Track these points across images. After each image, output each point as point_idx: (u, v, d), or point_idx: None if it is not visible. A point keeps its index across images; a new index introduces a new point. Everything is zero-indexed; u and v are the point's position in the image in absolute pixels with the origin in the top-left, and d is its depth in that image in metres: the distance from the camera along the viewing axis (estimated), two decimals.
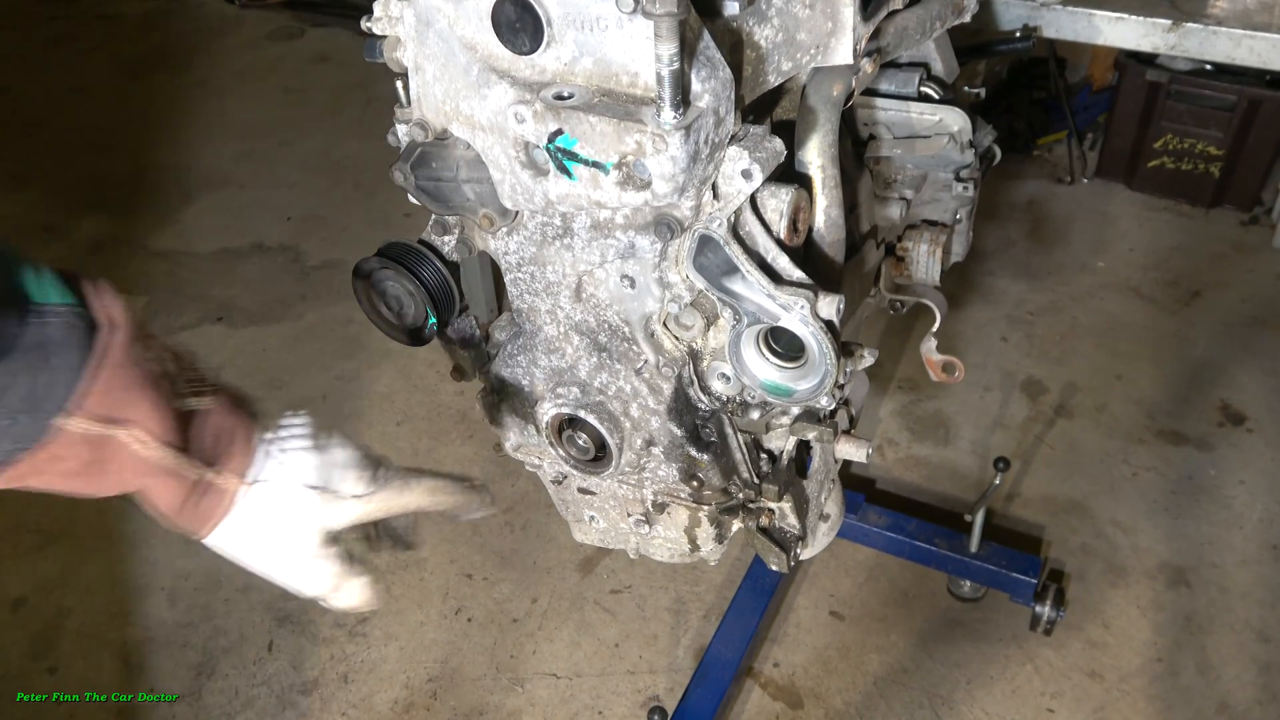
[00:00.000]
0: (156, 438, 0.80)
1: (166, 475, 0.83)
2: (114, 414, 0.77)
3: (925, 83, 1.48)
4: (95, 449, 0.77)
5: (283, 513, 0.91)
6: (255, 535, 0.91)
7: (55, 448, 0.75)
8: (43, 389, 0.72)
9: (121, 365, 0.77)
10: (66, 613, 2.38)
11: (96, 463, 0.78)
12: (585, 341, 1.24)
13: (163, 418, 0.80)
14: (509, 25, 1.01)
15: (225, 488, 0.87)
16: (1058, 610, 2.15)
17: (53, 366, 0.73)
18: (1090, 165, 3.74)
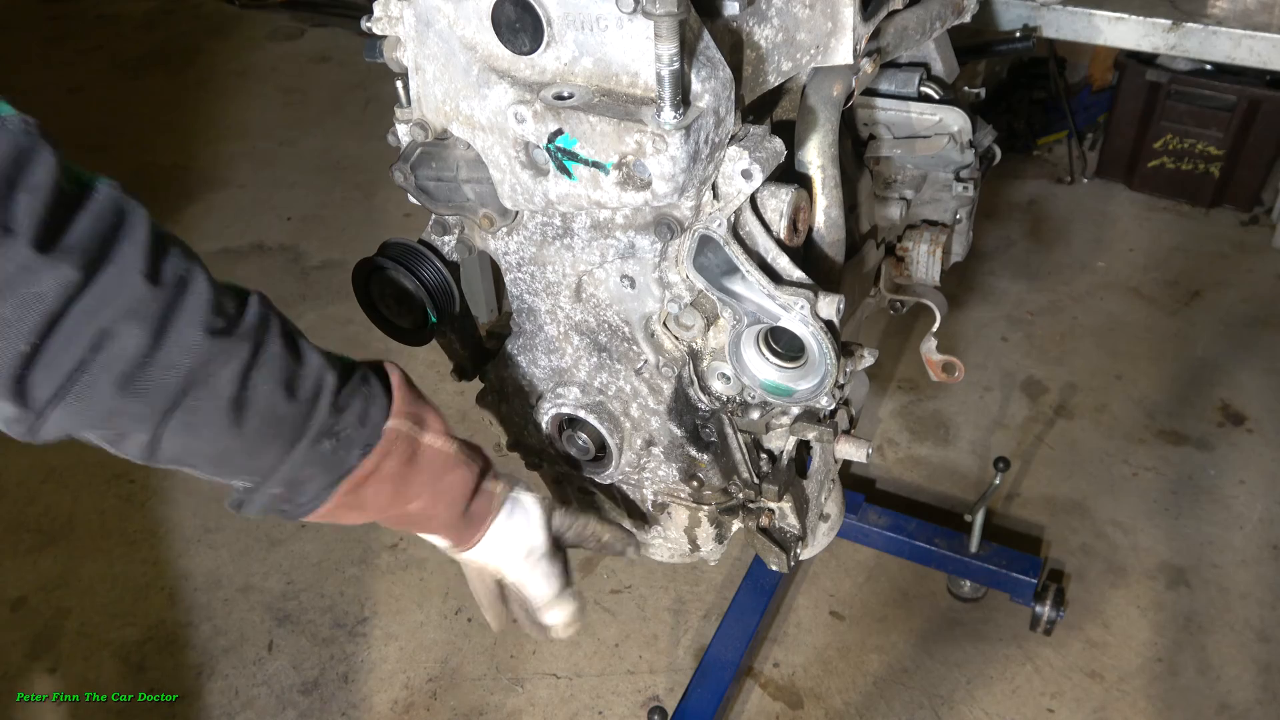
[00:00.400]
0: (448, 435, 1.00)
1: (459, 471, 1.01)
2: (417, 414, 0.98)
3: (925, 83, 1.48)
4: (410, 444, 0.96)
5: (526, 514, 1.09)
6: (508, 535, 1.09)
7: (385, 444, 0.94)
8: (371, 408, 0.94)
9: (409, 389, 0.99)
10: (66, 613, 2.38)
11: (411, 459, 0.96)
12: (585, 341, 1.24)
13: (443, 424, 1.00)
14: (509, 25, 1.01)
15: (493, 490, 1.06)
16: (1058, 610, 2.15)
17: (373, 393, 0.94)
18: (1090, 165, 3.74)
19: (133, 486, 2.69)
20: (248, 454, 0.87)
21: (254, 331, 0.85)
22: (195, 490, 2.67)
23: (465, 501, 1.03)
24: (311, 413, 0.89)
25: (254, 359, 0.84)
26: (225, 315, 0.83)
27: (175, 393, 0.80)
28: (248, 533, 2.54)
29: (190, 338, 0.80)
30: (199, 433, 0.83)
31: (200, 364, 0.80)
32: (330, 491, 0.93)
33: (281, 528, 2.55)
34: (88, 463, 2.75)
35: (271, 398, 0.86)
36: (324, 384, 0.90)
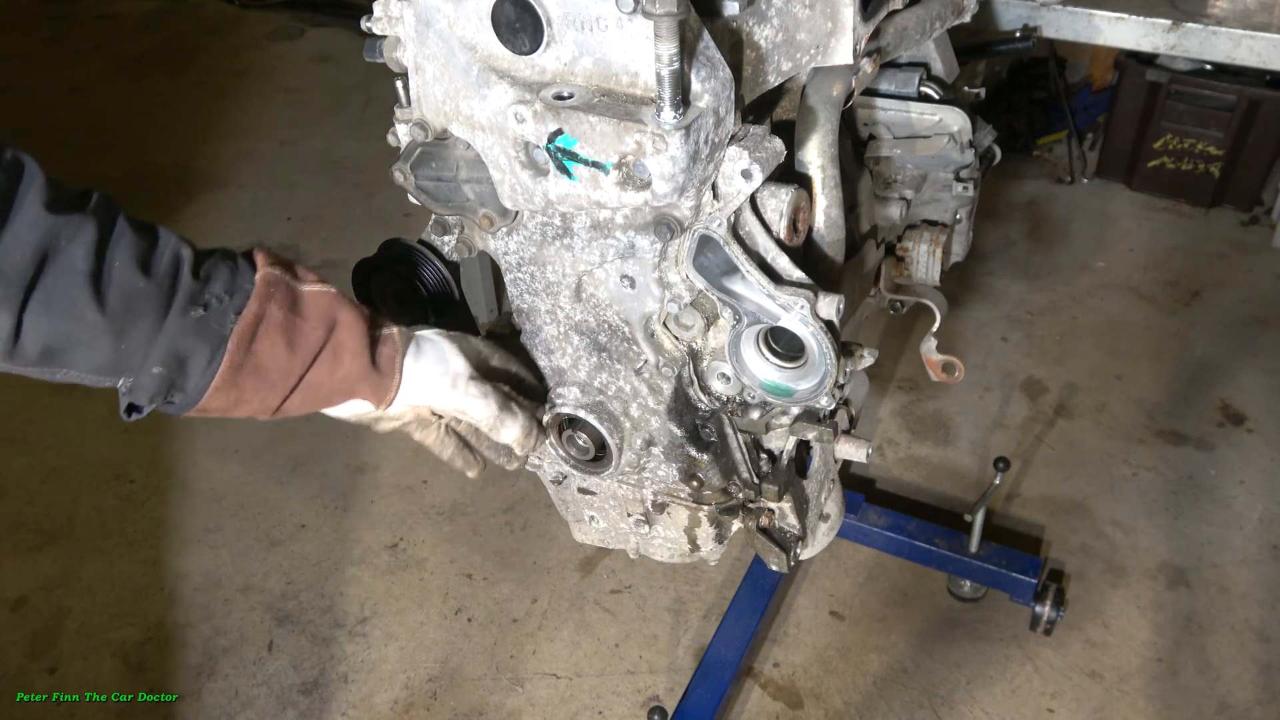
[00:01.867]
0: (324, 281, 0.99)
1: (348, 309, 1.00)
2: (287, 266, 0.98)
3: (925, 83, 1.48)
4: (288, 293, 0.96)
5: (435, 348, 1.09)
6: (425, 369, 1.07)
7: (261, 294, 0.94)
8: (239, 267, 0.95)
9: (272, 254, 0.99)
10: (66, 613, 2.38)
11: (293, 306, 0.96)
12: (585, 341, 1.24)
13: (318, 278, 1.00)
14: (509, 25, 1.01)
15: (392, 333, 1.05)
16: (1058, 610, 2.15)
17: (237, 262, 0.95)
18: (1090, 165, 3.74)
19: (133, 486, 2.69)
20: (116, 334, 0.88)
21: (100, 212, 0.87)
22: (195, 490, 2.67)
23: (367, 347, 1.02)
24: (174, 284, 0.90)
25: (104, 237, 0.86)
26: (67, 196, 0.85)
27: (27, 268, 0.82)
28: (248, 533, 2.54)
29: (32, 214, 0.82)
30: (61, 312, 0.84)
31: (49, 239, 0.82)
32: (217, 360, 0.92)
33: (281, 527, 2.55)
34: (88, 463, 2.75)
35: (128, 272, 0.87)
36: (181, 256, 0.91)
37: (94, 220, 0.86)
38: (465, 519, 2.56)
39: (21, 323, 0.83)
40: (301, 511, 2.60)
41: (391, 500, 2.62)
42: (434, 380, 1.09)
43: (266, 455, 2.76)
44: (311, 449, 2.77)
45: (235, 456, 2.76)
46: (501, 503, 2.59)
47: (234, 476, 2.70)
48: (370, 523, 2.56)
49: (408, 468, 2.70)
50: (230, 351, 0.92)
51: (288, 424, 2.84)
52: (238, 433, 2.83)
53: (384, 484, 2.67)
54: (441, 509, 2.59)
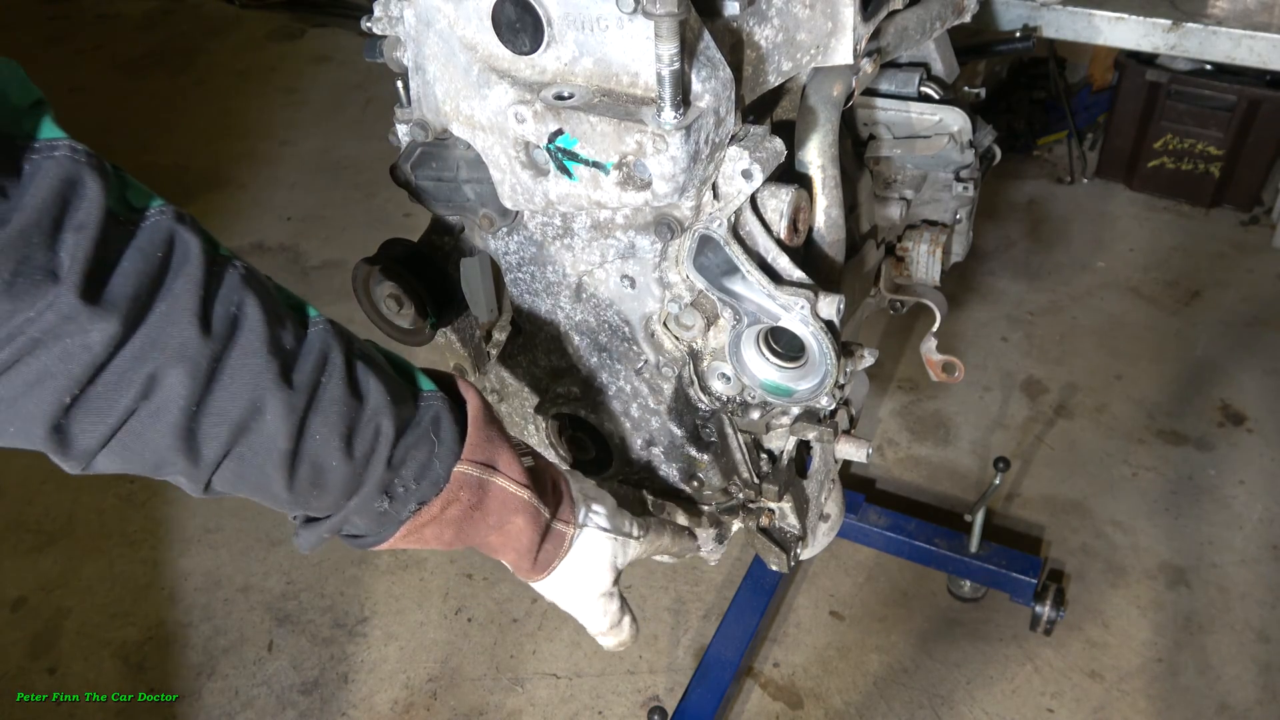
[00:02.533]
0: (519, 480, 0.94)
1: (528, 515, 0.96)
2: (489, 460, 0.92)
3: (925, 83, 1.48)
4: (477, 492, 0.92)
5: (595, 556, 1.06)
6: (574, 577, 1.06)
7: (449, 493, 0.90)
8: (438, 453, 0.89)
9: (485, 425, 0.93)
10: (66, 613, 2.38)
11: (478, 505, 0.92)
12: (585, 341, 1.24)
13: (520, 466, 0.95)
14: (509, 25, 1.01)
15: (565, 532, 1.01)
16: (1058, 610, 2.15)
17: (442, 439, 0.89)
18: (1090, 165, 3.74)
19: (133, 486, 2.69)
20: (295, 504, 0.86)
21: (313, 372, 0.80)
22: None
23: (534, 548, 0.99)
24: (366, 471, 0.84)
25: (310, 407, 0.79)
26: (281, 355, 0.77)
27: (225, 443, 0.77)
28: (248, 533, 2.54)
29: (241, 386, 0.75)
30: (249, 480, 0.81)
31: (252, 414, 0.76)
32: (385, 537, 0.91)
33: (281, 528, 2.55)
34: None
35: (325, 451, 0.81)
36: (381, 435, 0.84)
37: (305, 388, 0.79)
38: None
39: (210, 484, 0.80)
40: None
41: None
42: (576, 590, 1.08)
43: None
44: None
45: None
46: None
47: None
48: None
49: None
50: (396, 538, 0.91)
51: None
52: None
53: None
54: None
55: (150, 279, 0.71)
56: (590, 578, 1.07)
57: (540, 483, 0.98)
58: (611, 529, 1.06)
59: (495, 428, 0.94)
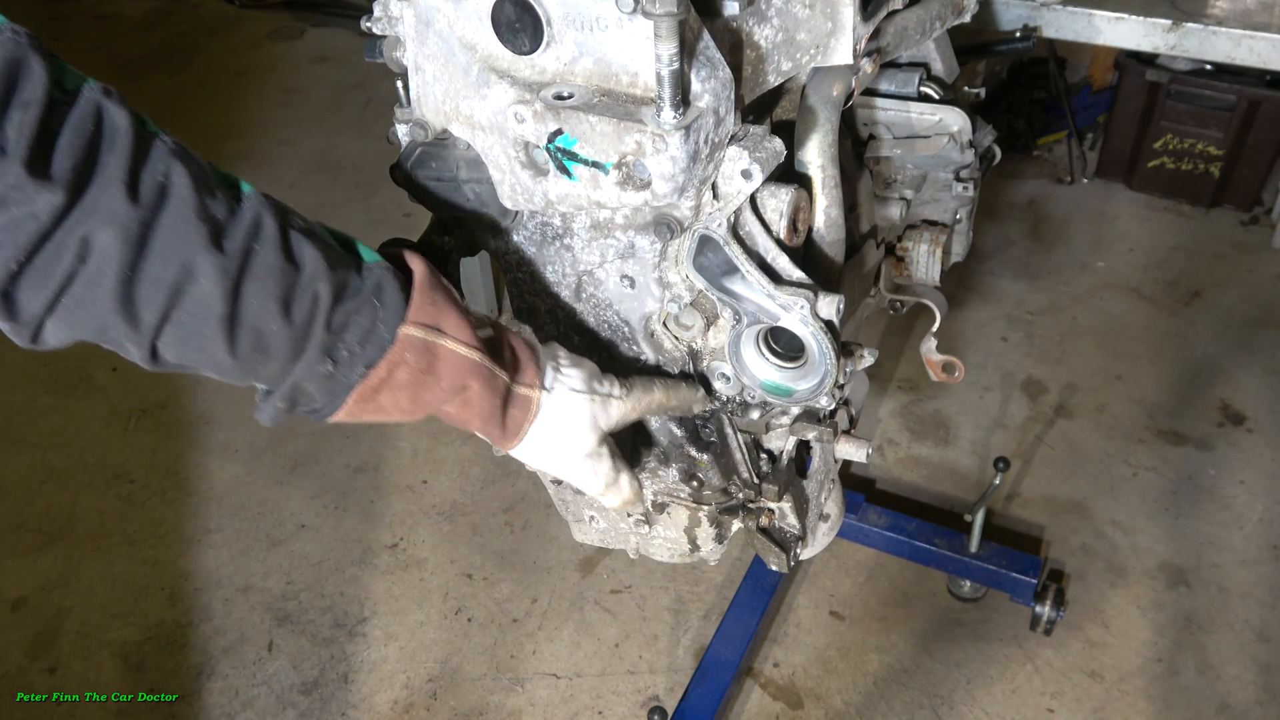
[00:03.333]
0: (470, 343, 0.94)
1: (483, 378, 0.96)
2: (435, 321, 0.92)
3: (925, 83, 1.48)
4: (424, 355, 0.92)
5: (570, 417, 1.03)
6: (550, 440, 1.03)
7: (395, 356, 0.90)
8: (381, 317, 0.90)
9: (429, 289, 0.93)
10: (66, 613, 2.38)
11: (428, 369, 0.92)
12: (585, 341, 1.24)
13: (470, 329, 0.95)
14: (509, 25, 1.01)
15: (530, 396, 1.00)
16: (1058, 610, 2.15)
17: (385, 302, 0.90)
18: (1090, 165, 3.74)
19: (133, 486, 2.69)
20: (244, 371, 0.87)
21: (245, 239, 0.82)
22: (195, 490, 2.67)
23: (497, 413, 0.99)
24: (307, 335, 0.86)
25: (243, 271, 0.82)
26: (211, 222, 0.80)
27: (161, 307, 0.80)
28: (248, 533, 2.54)
29: (173, 250, 0.78)
30: (191, 346, 0.83)
31: (185, 277, 0.79)
32: (337, 404, 0.91)
33: (281, 527, 2.55)
34: (88, 463, 2.75)
35: (262, 315, 0.83)
36: (319, 299, 0.86)
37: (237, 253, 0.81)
38: (465, 519, 2.56)
39: (156, 351, 0.83)
40: (301, 511, 2.60)
41: (391, 500, 2.62)
42: (553, 452, 1.05)
43: (266, 455, 2.76)
44: (311, 449, 2.77)
45: (235, 456, 2.76)
46: (501, 503, 2.59)
47: (234, 476, 2.70)
48: (370, 523, 2.56)
49: (408, 468, 2.70)
50: (350, 403, 0.91)
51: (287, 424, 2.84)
52: (238, 433, 2.83)
53: (384, 484, 2.67)
54: (441, 509, 2.59)
55: (86, 152, 0.76)
56: (569, 441, 1.04)
57: (496, 348, 0.98)
58: (586, 390, 1.04)
59: (442, 292, 0.94)
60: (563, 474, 1.09)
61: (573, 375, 1.04)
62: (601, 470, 1.09)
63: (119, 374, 3.05)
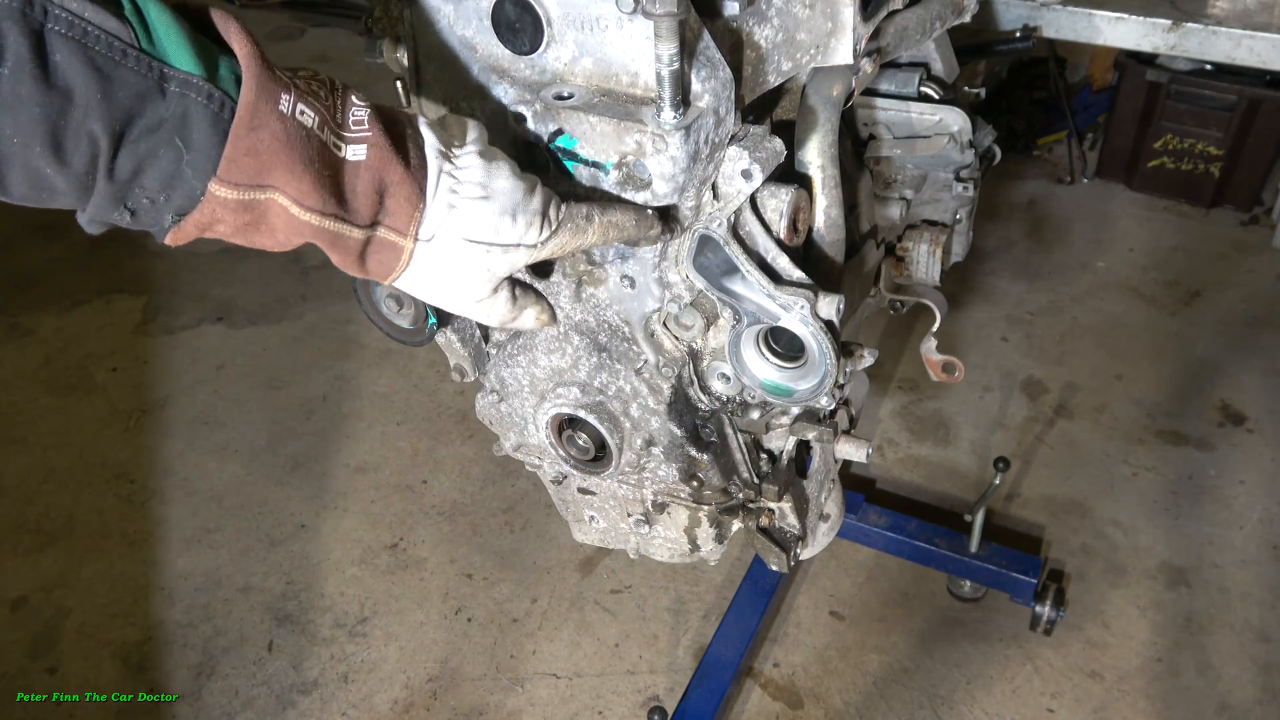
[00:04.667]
0: (308, 203, 0.77)
1: (326, 239, 0.81)
2: (258, 180, 0.75)
3: (925, 83, 1.48)
4: (246, 211, 0.76)
5: (455, 268, 0.88)
6: (433, 283, 0.89)
7: (207, 214, 0.75)
8: (189, 159, 0.73)
9: (250, 131, 0.74)
10: (66, 613, 2.38)
11: (253, 223, 0.78)
12: (585, 341, 1.24)
13: (308, 182, 0.77)
14: (509, 25, 1.01)
15: (398, 244, 0.84)
16: (1058, 610, 2.15)
17: (191, 144, 0.72)
18: (1090, 165, 3.74)
19: (133, 486, 2.69)
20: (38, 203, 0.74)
21: None
22: (195, 490, 2.67)
23: (354, 261, 0.85)
24: (88, 184, 0.71)
25: None
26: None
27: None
28: (248, 533, 2.54)
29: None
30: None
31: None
32: (162, 234, 0.77)
33: (281, 527, 2.55)
34: (88, 463, 2.75)
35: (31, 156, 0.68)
36: (96, 143, 0.69)
37: None
38: (465, 519, 2.56)
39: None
40: (301, 511, 2.60)
41: (391, 500, 2.62)
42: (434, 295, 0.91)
43: (266, 455, 2.76)
44: (311, 449, 2.77)
45: (235, 456, 2.76)
46: (501, 503, 2.59)
47: (234, 476, 2.70)
48: (370, 523, 2.56)
49: (408, 468, 2.70)
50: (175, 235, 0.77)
51: (288, 424, 2.85)
52: (238, 432, 2.83)
53: (384, 484, 2.67)
54: (441, 509, 2.59)
55: None
56: (454, 288, 0.90)
57: (361, 185, 0.80)
58: (485, 239, 0.86)
59: (269, 132, 0.74)
60: (456, 310, 0.95)
61: (471, 217, 0.85)
62: (497, 312, 0.96)
63: (119, 374, 3.05)
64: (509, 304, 0.97)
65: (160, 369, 3.07)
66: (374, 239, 0.84)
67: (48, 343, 3.18)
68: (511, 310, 0.97)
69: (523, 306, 0.99)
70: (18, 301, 3.34)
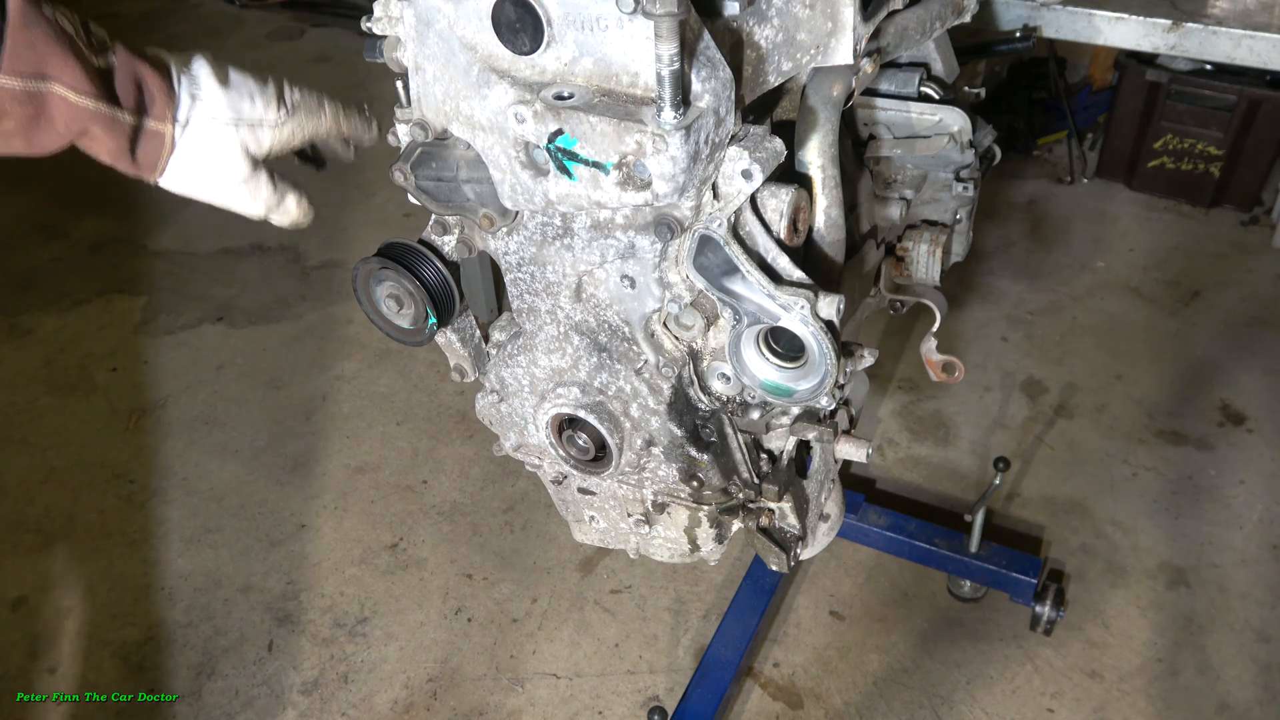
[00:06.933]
0: (82, 89, 0.87)
1: (102, 123, 0.90)
2: (35, 69, 0.84)
3: (925, 83, 1.48)
4: (29, 104, 0.85)
5: (214, 148, 1.01)
6: (195, 170, 1.02)
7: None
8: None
9: (27, 27, 0.83)
10: (66, 613, 2.38)
11: (35, 118, 0.86)
12: (585, 341, 1.24)
13: (83, 70, 0.87)
14: (509, 25, 1.01)
15: (162, 131, 0.97)
16: (1058, 610, 2.15)
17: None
18: (1090, 165, 3.74)
19: (133, 486, 2.69)
20: None
21: None
22: (195, 490, 2.67)
23: (125, 151, 0.95)
24: None
25: None
26: None
27: None
28: (248, 533, 2.54)
29: None
30: None
31: None
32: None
33: (281, 527, 2.55)
34: (88, 463, 2.75)
35: None
36: None
37: None
38: (465, 519, 2.56)
39: None
40: (301, 511, 2.60)
41: (391, 500, 2.62)
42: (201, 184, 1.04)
43: (266, 455, 2.76)
44: (311, 449, 2.77)
45: (235, 456, 2.76)
46: (501, 503, 2.59)
47: (234, 476, 2.70)
48: (370, 523, 2.56)
49: (408, 468, 2.70)
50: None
51: (288, 424, 2.85)
52: (238, 432, 2.83)
53: (384, 484, 2.67)
54: (441, 509, 2.59)
55: None
56: (216, 171, 1.03)
57: (120, 83, 0.92)
58: (230, 118, 1.01)
59: (43, 27, 0.85)
60: (217, 202, 1.08)
61: (215, 102, 1.00)
62: (261, 195, 1.09)
63: (119, 374, 3.05)
64: (269, 187, 1.08)
65: (160, 369, 3.07)
66: (142, 129, 0.95)
67: (48, 343, 3.18)
68: (274, 194, 1.09)
69: (283, 192, 1.10)
70: (18, 301, 3.34)
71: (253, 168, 1.05)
